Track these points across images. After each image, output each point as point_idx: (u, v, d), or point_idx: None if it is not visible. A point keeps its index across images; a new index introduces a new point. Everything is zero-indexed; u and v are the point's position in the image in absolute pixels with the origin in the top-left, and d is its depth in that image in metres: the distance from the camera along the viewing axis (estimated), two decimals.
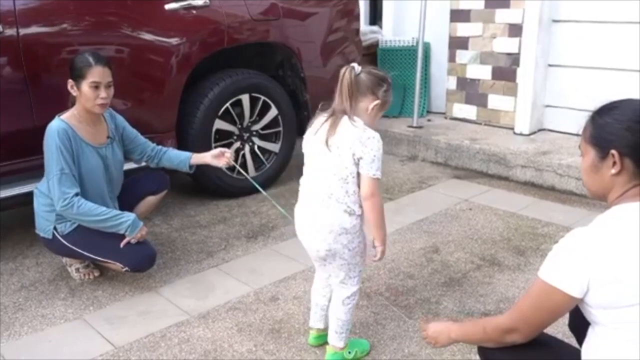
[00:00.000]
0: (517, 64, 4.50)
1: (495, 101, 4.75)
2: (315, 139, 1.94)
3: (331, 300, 2.14)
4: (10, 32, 2.72)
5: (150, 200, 2.95)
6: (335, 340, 2.12)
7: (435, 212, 3.52)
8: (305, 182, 2.01)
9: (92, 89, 2.50)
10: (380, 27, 5.73)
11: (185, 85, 3.39)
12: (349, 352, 2.15)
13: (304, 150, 2.02)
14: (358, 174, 1.89)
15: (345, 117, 1.88)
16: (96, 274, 2.80)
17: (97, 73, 2.51)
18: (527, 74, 4.42)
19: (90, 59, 2.51)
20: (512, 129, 4.59)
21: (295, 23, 3.84)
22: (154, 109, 3.30)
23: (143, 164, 2.98)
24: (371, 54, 5.44)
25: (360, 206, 1.92)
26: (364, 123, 1.88)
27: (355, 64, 1.90)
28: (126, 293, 2.68)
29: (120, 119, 2.81)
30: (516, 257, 2.94)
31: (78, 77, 2.51)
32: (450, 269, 2.84)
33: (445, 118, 5.11)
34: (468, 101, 4.94)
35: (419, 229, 3.29)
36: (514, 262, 2.89)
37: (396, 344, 2.28)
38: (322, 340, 2.24)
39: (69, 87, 2.54)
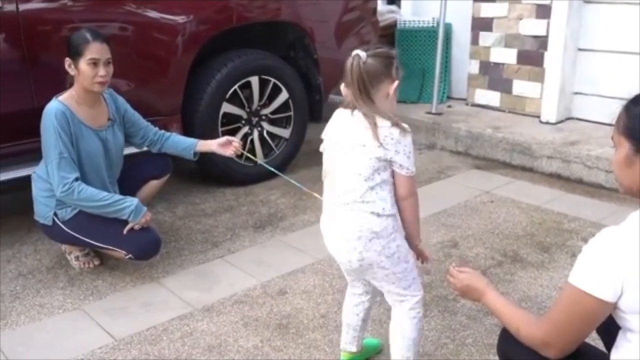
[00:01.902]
0: (545, 48, 4.45)
1: (521, 87, 4.71)
2: (332, 136, 1.83)
3: (392, 318, 1.95)
4: (9, 7, 2.73)
5: (153, 184, 2.96)
6: None
7: (454, 205, 3.50)
8: (327, 188, 1.86)
9: (90, 66, 2.50)
10: (399, 6, 5.70)
11: (192, 66, 3.39)
12: None
13: (324, 150, 1.88)
14: (386, 171, 1.78)
15: (365, 112, 1.75)
16: (96, 262, 2.82)
17: (96, 49, 2.51)
18: (556, 58, 4.37)
19: (88, 35, 2.51)
20: (538, 117, 4.55)
21: (308, 1, 3.83)
22: (158, 91, 3.30)
23: (145, 148, 2.98)
24: (388, 35, 5.40)
25: (392, 205, 1.80)
26: (387, 112, 1.76)
27: (359, 51, 1.75)
28: (127, 283, 2.70)
29: (121, 100, 2.81)
30: (540, 254, 2.92)
31: (76, 55, 2.51)
32: (469, 264, 2.81)
33: (467, 104, 5.07)
34: (491, 87, 4.90)
35: (436, 222, 3.27)
36: (538, 258, 2.87)
37: None
38: None
39: (66, 66, 2.55)
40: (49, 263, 2.88)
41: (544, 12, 4.42)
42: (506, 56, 4.74)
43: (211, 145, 2.88)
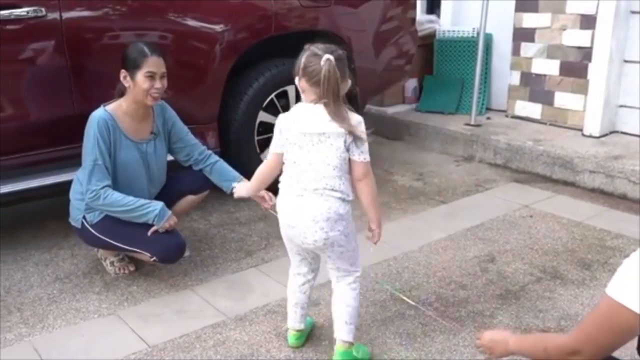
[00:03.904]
0: (589, 59, 4.39)
1: (563, 99, 4.65)
2: (301, 128, 2.04)
3: (334, 293, 2.21)
4: (52, 15, 2.82)
5: (190, 199, 2.96)
6: (345, 334, 2.17)
7: (492, 218, 3.47)
8: (292, 173, 2.08)
9: (147, 79, 2.56)
10: (438, 16, 5.69)
11: (229, 75, 3.44)
12: (357, 351, 2.20)
13: (285, 140, 2.09)
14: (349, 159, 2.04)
15: (331, 106, 2.00)
16: (131, 268, 2.88)
17: (153, 63, 2.57)
18: (600, 70, 4.31)
19: (146, 49, 2.58)
20: (581, 130, 4.49)
21: (346, 10, 3.85)
22: (195, 99, 3.35)
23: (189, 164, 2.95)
24: (427, 45, 5.40)
25: (353, 192, 2.07)
26: (345, 108, 2.04)
27: (329, 55, 1.98)
28: (161, 290, 2.74)
29: (171, 113, 2.84)
30: (581, 271, 2.87)
31: (132, 68, 2.57)
32: (506, 280, 2.80)
33: (507, 116, 5.03)
34: (532, 98, 4.85)
35: (473, 236, 3.25)
36: (578, 276, 2.83)
37: (445, 358, 2.26)
38: (302, 339, 2.34)
39: (121, 78, 2.60)
40: (86, 268, 2.95)
41: (588, 22, 4.36)
42: (548, 67, 4.70)
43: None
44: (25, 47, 2.82)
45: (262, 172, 2.25)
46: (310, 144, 2.03)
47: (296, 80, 2.09)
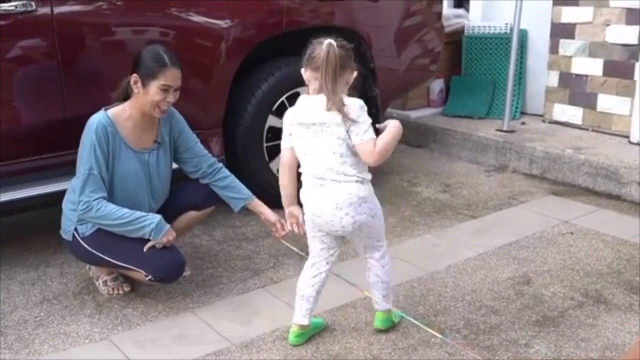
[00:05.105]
0: (636, 58, 4.38)
1: (607, 102, 4.63)
2: (302, 120, 2.27)
3: (366, 267, 2.50)
4: (43, 10, 2.85)
5: (192, 215, 2.95)
6: (382, 305, 2.51)
7: (528, 235, 3.45)
8: (305, 165, 2.32)
9: (162, 91, 2.59)
10: (467, 10, 5.70)
11: (236, 75, 3.45)
12: (395, 317, 2.57)
13: (293, 135, 2.33)
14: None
15: (327, 93, 2.18)
16: (126, 288, 2.89)
17: (172, 76, 2.60)
18: None
19: (166, 59, 2.60)
20: (627, 137, 4.46)
21: (365, 4, 3.87)
22: (198, 102, 3.36)
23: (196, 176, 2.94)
24: (455, 43, 5.40)
25: (369, 171, 2.31)
26: (343, 95, 2.21)
27: (331, 40, 2.19)
28: (159, 313, 2.74)
29: (178, 119, 2.84)
30: (628, 295, 2.84)
31: (147, 75, 2.58)
32: (544, 305, 2.77)
33: (543, 121, 5.02)
34: (572, 101, 4.84)
35: (506, 255, 3.23)
36: (625, 300, 2.79)
37: None
38: (304, 337, 2.48)
39: (131, 82, 2.61)
40: (76, 288, 2.96)
41: (635, 17, 4.35)
42: (590, 67, 4.68)
43: (263, 212, 2.87)
44: (13, 44, 2.85)
45: (285, 176, 2.41)
46: (313, 135, 2.25)
47: (302, 72, 2.30)
